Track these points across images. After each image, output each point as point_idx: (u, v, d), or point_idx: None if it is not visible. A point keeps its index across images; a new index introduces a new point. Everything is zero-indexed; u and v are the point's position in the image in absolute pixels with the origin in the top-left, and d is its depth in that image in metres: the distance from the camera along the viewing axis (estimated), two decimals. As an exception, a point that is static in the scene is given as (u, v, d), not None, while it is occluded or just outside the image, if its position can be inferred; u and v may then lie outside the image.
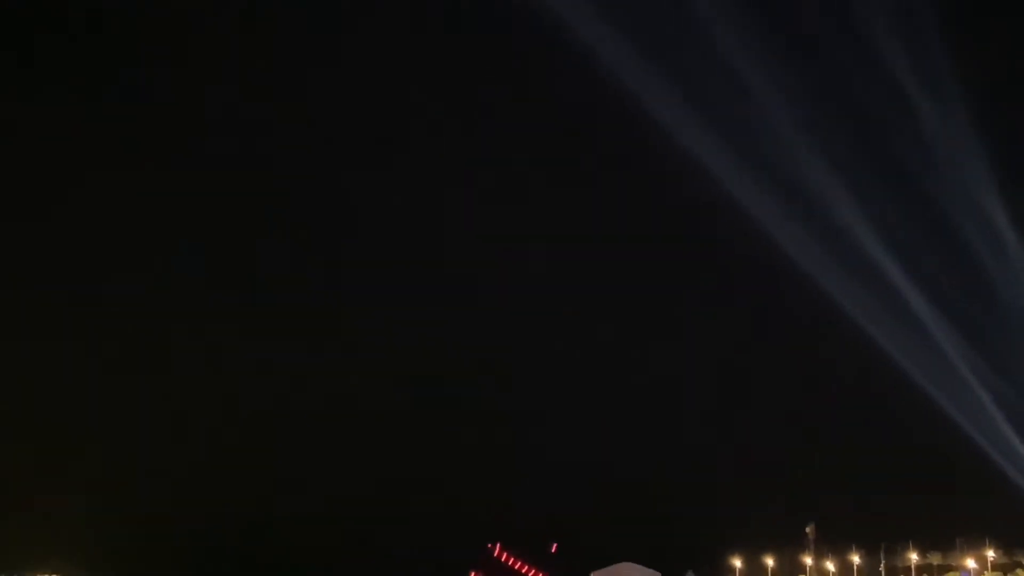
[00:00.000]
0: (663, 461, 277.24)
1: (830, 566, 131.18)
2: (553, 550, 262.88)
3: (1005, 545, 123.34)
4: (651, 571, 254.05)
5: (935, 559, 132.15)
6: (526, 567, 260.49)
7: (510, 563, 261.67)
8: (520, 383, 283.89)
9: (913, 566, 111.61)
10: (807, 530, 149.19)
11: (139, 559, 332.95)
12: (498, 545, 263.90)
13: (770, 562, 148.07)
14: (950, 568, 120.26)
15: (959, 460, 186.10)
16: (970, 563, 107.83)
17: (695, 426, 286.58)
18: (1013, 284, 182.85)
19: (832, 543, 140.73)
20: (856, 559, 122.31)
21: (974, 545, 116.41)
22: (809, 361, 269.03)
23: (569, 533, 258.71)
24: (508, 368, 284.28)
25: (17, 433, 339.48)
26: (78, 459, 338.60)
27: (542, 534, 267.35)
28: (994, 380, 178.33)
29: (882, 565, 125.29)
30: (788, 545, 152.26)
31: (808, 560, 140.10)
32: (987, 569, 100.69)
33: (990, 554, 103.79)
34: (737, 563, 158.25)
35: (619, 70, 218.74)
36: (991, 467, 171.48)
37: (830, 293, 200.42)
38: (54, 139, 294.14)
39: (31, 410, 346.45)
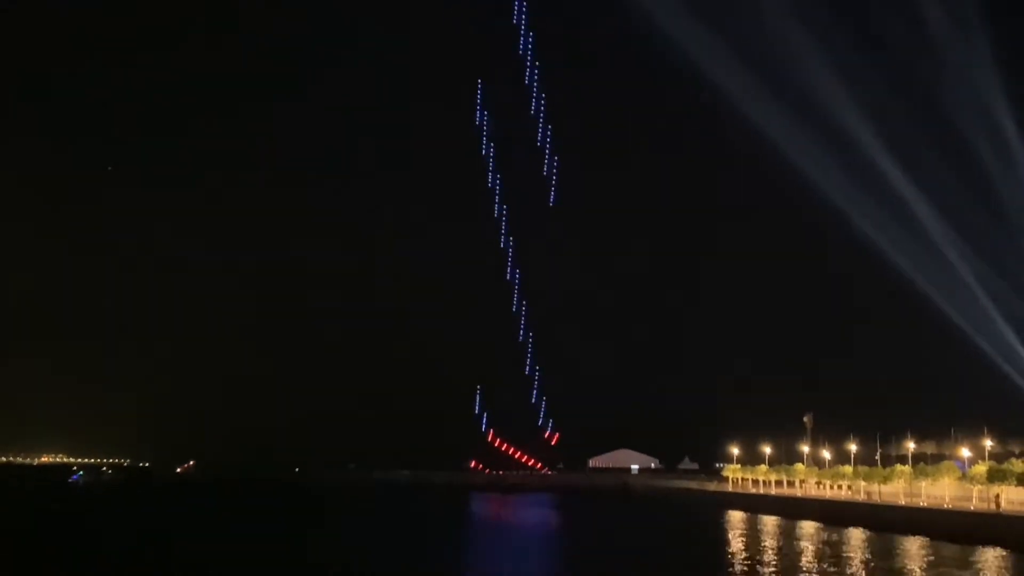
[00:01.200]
0: (663, 352, 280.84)
1: (826, 454, 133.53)
2: (553, 442, 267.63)
3: (1000, 436, 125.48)
4: (649, 458, 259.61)
5: (929, 448, 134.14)
6: (520, 454, 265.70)
7: (504, 450, 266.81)
8: (530, 281, 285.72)
9: (910, 454, 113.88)
10: (804, 419, 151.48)
11: (142, 442, 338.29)
12: (492, 433, 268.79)
13: (768, 450, 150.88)
14: (944, 456, 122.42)
15: (956, 356, 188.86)
16: (964, 452, 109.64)
17: (695, 318, 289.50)
18: (1016, 190, 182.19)
19: (829, 432, 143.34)
20: (854, 447, 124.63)
21: (969, 435, 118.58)
22: (813, 260, 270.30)
23: (569, 422, 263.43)
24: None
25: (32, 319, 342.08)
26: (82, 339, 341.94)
27: (539, 424, 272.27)
28: (994, 281, 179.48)
29: (878, 454, 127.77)
30: (786, 434, 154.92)
31: (805, 448, 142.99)
32: (982, 458, 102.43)
33: (988, 443, 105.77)
34: (735, 451, 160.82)
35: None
36: (988, 364, 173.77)
37: (836, 200, 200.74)
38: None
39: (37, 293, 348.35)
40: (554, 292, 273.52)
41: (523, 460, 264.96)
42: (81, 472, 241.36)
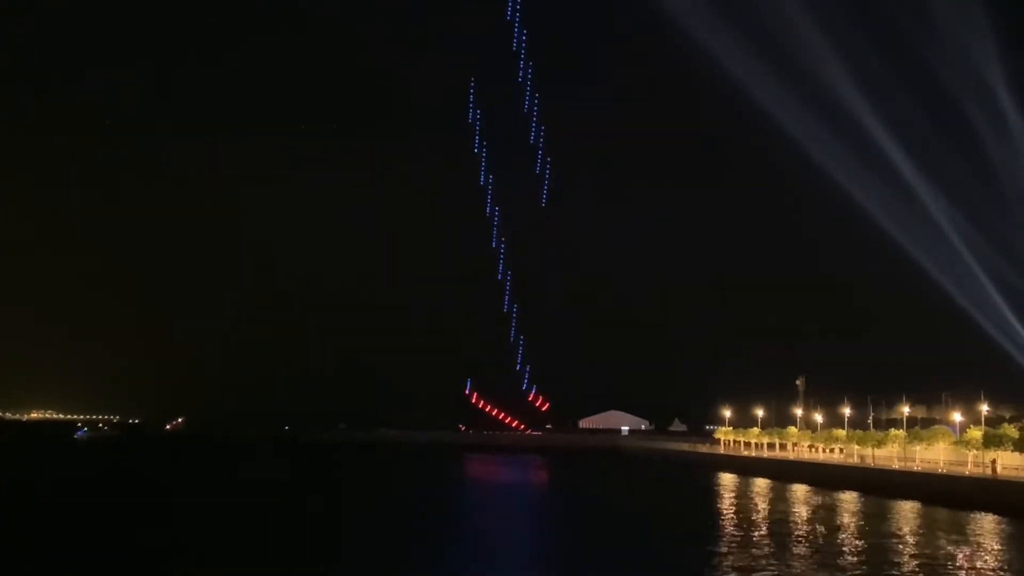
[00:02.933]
0: (655, 313, 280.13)
1: (818, 417, 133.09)
2: (545, 408, 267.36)
3: (991, 402, 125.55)
4: (639, 419, 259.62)
5: (920, 412, 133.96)
6: (503, 415, 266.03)
7: (488, 411, 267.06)
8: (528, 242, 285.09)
9: (904, 418, 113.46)
10: (797, 382, 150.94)
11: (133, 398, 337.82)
12: (475, 396, 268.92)
13: (760, 413, 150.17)
14: (935, 421, 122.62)
15: (949, 326, 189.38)
16: (957, 417, 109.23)
17: (686, 281, 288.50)
18: (1012, 161, 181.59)
19: (820, 395, 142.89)
20: (847, 411, 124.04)
21: (961, 400, 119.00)
22: (807, 228, 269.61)
23: (558, 383, 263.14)
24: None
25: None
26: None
27: (524, 386, 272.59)
28: (988, 253, 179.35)
29: (870, 417, 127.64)
30: (777, 397, 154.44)
31: (799, 411, 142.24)
32: (975, 423, 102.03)
33: (985, 408, 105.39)
34: (727, 413, 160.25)
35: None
36: (980, 333, 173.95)
37: (831, 171, 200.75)
38: None
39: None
40: (544, 274, 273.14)
41: (506, 421, 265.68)
42: (85, 428, 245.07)
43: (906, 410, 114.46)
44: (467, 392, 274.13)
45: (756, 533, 57.73)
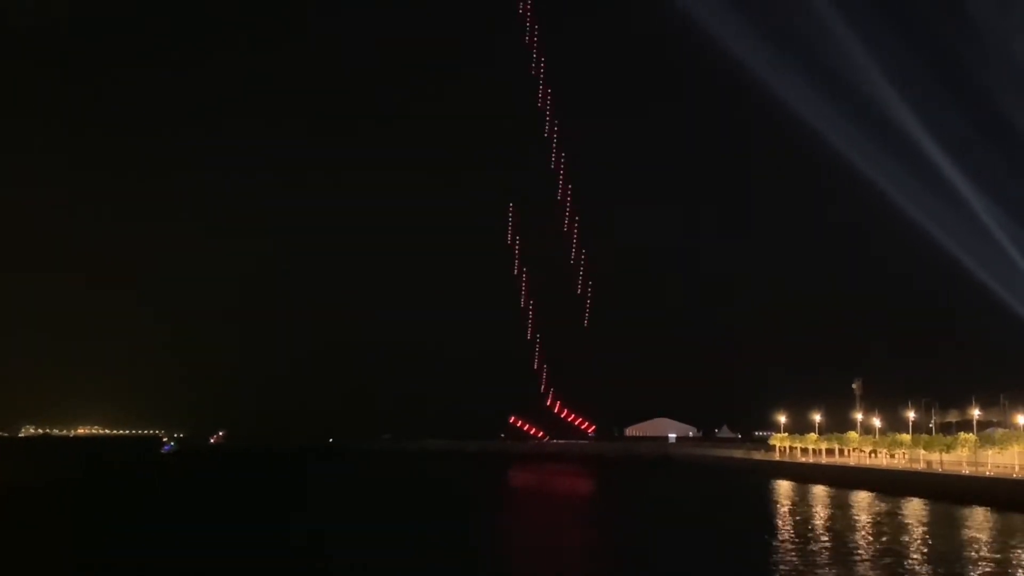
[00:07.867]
0: (706, 320, 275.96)
1: (876, 421, 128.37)
2: (591, 431, 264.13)
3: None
4: (686, 426, 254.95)
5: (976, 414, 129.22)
6: (539, 432, 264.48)
7: (526, 429, 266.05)
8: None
9: (974, 421, 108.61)
10: (853, 386, 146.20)
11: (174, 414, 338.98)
12: (513, 418, 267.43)
13: (818, 417, 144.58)
14: (991, 423, 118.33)
15: (1000, 328, 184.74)
16: (1021, 419, 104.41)
17: (740, 285, 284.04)
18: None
19: (876, 399, 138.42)
20: (911, 415, 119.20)
21: (1020, 402, 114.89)
22: (859, 234, 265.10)
23: (608, 391, 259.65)
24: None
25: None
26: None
27: (560, 406, 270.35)
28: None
29: (932, 421, 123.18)
30: (831, 402, 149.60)
31: (859, 416, 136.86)
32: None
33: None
34: (782, 419, 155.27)
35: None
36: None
37: (875, 179, 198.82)
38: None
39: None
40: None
41: (534, 433, 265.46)
42: (172, 443, 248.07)
43: (976, 413, 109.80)
44: (510, 419, 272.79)
45: (826, 542, 54.76)
